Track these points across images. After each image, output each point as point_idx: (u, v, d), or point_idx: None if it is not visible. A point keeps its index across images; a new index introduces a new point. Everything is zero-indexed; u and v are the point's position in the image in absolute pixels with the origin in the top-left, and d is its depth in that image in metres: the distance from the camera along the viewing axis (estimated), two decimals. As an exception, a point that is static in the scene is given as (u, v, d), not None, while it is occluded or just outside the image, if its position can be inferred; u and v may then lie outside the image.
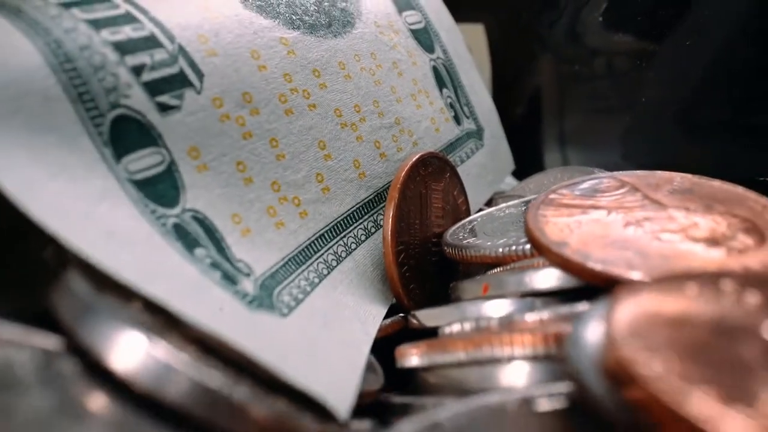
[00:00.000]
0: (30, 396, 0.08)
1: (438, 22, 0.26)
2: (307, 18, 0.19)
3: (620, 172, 0.18)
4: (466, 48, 0.28)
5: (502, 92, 0.37)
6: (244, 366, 0.11)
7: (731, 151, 0.26)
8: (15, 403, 0.08)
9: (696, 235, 0.13)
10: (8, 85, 0.12)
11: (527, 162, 0.34)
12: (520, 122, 0.38)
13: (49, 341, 0.10)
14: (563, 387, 0.10)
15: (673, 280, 0.10)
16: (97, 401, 0.09)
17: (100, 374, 0.09)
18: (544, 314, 0.12)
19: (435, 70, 0.25)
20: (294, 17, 0.19)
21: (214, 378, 0.10)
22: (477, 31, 0.38)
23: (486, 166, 0.26)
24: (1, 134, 0.11)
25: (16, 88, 0.12)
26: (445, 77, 0.25)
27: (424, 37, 0.25)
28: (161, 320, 0.10)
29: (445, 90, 0.25)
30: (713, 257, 0.12)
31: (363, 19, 0.22)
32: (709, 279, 0.10)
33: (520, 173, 0.33)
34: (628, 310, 0.09)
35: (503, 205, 0.22)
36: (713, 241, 0.13)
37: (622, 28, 0.31)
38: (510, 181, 0.33)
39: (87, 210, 0.11)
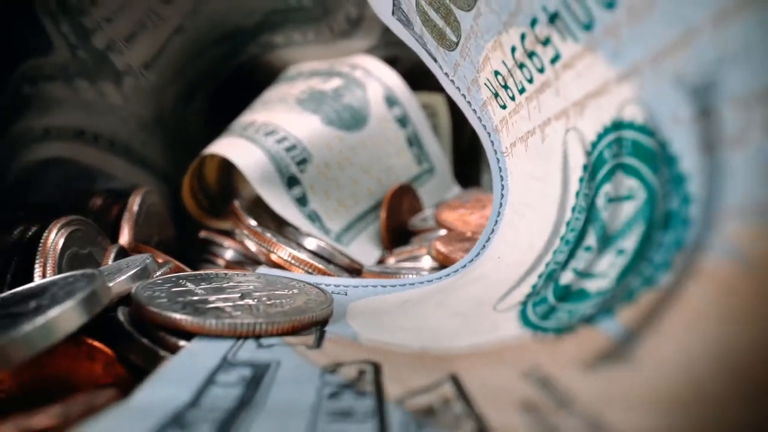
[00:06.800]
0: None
1: (410, 109, 0.50)
2: (346, 123, 0.43)
3: (483, 194, 0.42)
4: (429, 112, 0.52)
5: (457, 133, 0.61)
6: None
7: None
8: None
9: (486, 217, 0.37)
10: (258, 167, 0.36)
11: (470, 179, 0.58)
12: (468, 152, 0.62)
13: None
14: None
15: (462, 232, 0.34)
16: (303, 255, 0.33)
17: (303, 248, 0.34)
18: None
19: (408, 138, 0.48)
20: (341, 123, 0.43)
21: (326, 243, 0.34)
22: (439, 99, 0.62)
23: (435, 187, 0.50)
24: (266, 187, 0.35)
25: (261, 170, 0.36)
26: (413, 141, 0.49)
27: (402, 121, 0.49)
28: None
29: (413, 148, 0.48)
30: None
31: (372, 117, 0.45)
32: (460, 233, 0.34)
33: (465, 186, 0.56)
34: (444, 234, 0.33)
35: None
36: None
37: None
38: (456, 191, 0.57)
39: (287, 208, 0.35)
